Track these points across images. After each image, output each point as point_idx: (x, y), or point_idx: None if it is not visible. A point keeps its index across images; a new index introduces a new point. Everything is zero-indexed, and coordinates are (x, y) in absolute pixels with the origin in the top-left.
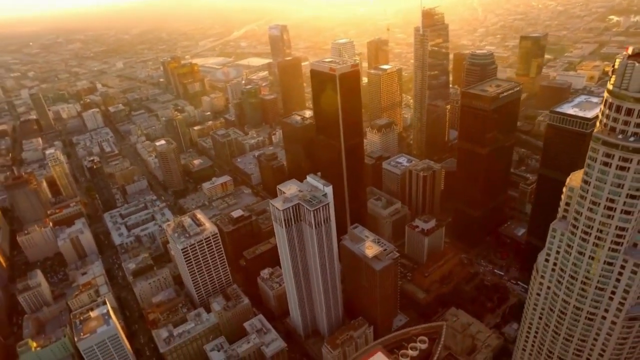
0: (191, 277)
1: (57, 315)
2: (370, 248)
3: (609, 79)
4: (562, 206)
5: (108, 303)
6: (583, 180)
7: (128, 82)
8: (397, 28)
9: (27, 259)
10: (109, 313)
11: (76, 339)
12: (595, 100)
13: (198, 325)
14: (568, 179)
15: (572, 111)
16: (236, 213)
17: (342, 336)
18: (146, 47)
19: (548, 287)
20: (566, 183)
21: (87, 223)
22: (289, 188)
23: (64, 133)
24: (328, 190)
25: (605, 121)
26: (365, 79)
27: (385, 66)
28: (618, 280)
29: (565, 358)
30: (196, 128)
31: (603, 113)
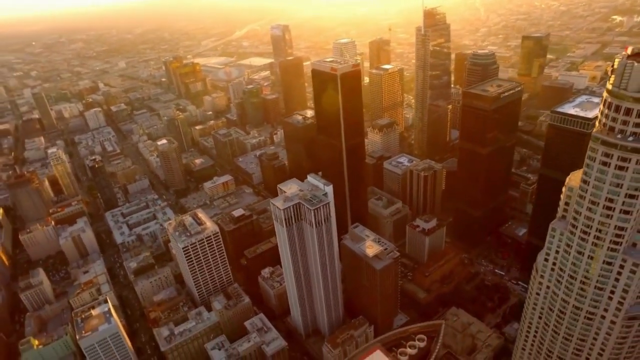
0: (192, 276)
1: (59, 313)
2: (370, 247)
3: (608, 79)
4: (562, 206)
5: (109, 301)
6: (582, 179)
7: (130, 82)
8: (399, 28)
9: (29, 258)
10: (110, 311)
11: (78, 337)
12: (596, 100)
13: (199, 323)
14: (567, 179)
15: (573, 111)
16: (237, 212)
17: (343, 335)
18: (148, 47)
19: (547, 287)
20: (565, 183)
21: (89, 222)
22: (290, 187)
23: (66, 132)
24: (328, 189)
25: (604, 121)
26: (366, 79)
27: (386, 66)
28: (617, 279)
29: (564, 357)
30: (198, 127)
31: (602, 113)
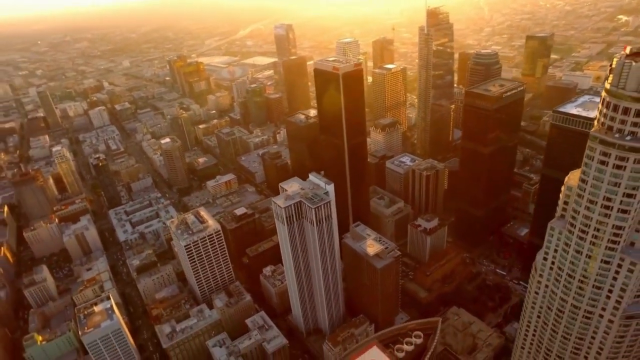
0: (194, 274)
1: (62, 309)
2: (371, 246)
3: (607, 78)
4: (561, 205)
5: (112, 298)
6: (580, 179)
7: (134, 81)
8: (403, 27)
9: (33, 255)
10: (113, 308)
11: (80, 333)
12: (598, 100)
13: (200, 321)
14: (566, 178)
15: (576, 111)
16: (239, 211)
17: (343, 334)
18: (152, 46)
19: (546, 286)
20: (564, 182)
21: (92, 220)
22: (291, 186)
23: (71, 131)
24: (330, 188)
25: (602, 120)
26: (370, 78)
27: (389, 65)
28: (615, 278)
29: (563, 356)
30: (201, 126)
31: (600, 112)
